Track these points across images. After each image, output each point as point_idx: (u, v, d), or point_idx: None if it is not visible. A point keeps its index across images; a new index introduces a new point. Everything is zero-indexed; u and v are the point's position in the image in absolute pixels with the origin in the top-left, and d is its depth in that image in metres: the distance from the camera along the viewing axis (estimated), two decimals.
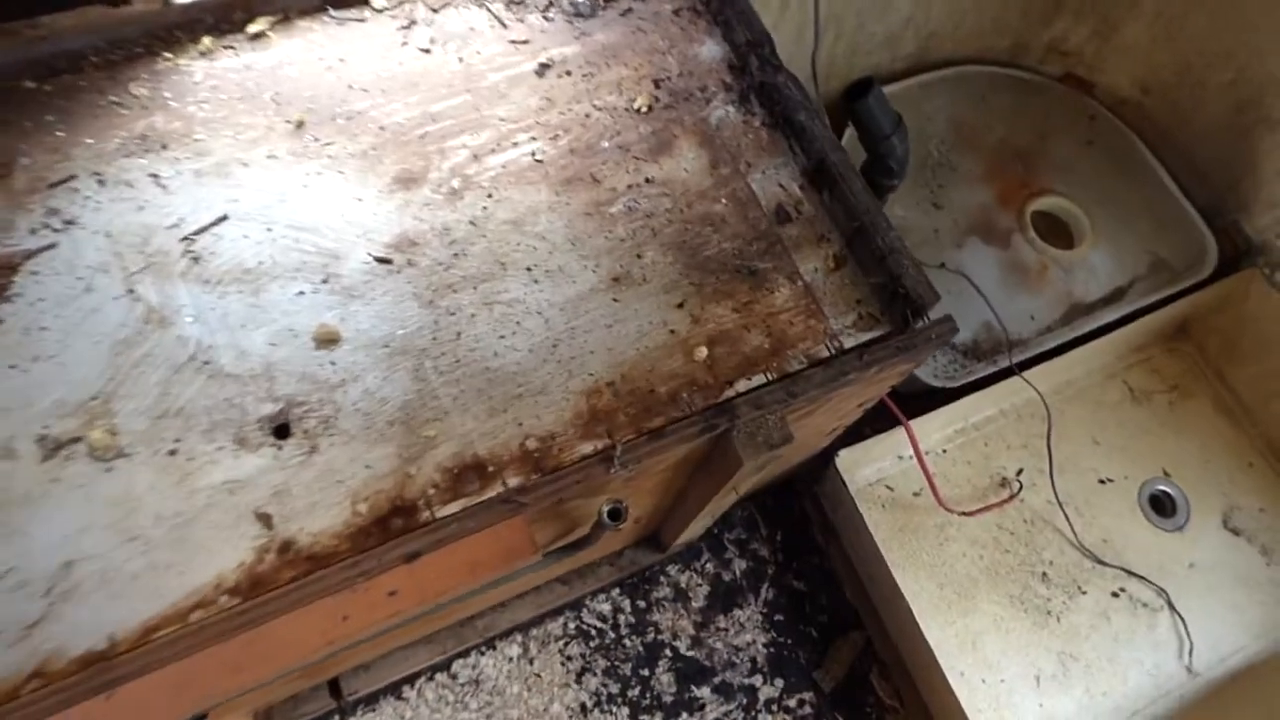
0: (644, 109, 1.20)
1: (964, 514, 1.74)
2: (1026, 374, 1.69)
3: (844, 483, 1.68)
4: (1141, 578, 1.73)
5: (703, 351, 1.02)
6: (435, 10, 1.23)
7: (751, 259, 1.09)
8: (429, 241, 1.08)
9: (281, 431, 0.95)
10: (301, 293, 1.03)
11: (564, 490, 0.91)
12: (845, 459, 1.69)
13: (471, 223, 1.10)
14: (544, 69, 1.21)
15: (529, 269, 1.08)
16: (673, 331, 1.04)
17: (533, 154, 1.16)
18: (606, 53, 1.21)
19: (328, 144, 1.13)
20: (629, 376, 1.01)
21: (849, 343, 1.04)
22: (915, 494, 1.86)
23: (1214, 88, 1.86)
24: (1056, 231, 2.06)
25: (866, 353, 0.97)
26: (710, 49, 1.23)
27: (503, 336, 1.03)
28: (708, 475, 1.10)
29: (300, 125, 1.13)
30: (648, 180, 1.15)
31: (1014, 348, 1.81)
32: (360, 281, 1.05)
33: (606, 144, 1.17)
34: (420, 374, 1.00)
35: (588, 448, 0.97)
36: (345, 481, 0.93)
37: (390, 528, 0.90)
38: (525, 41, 1.23)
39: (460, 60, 1.20)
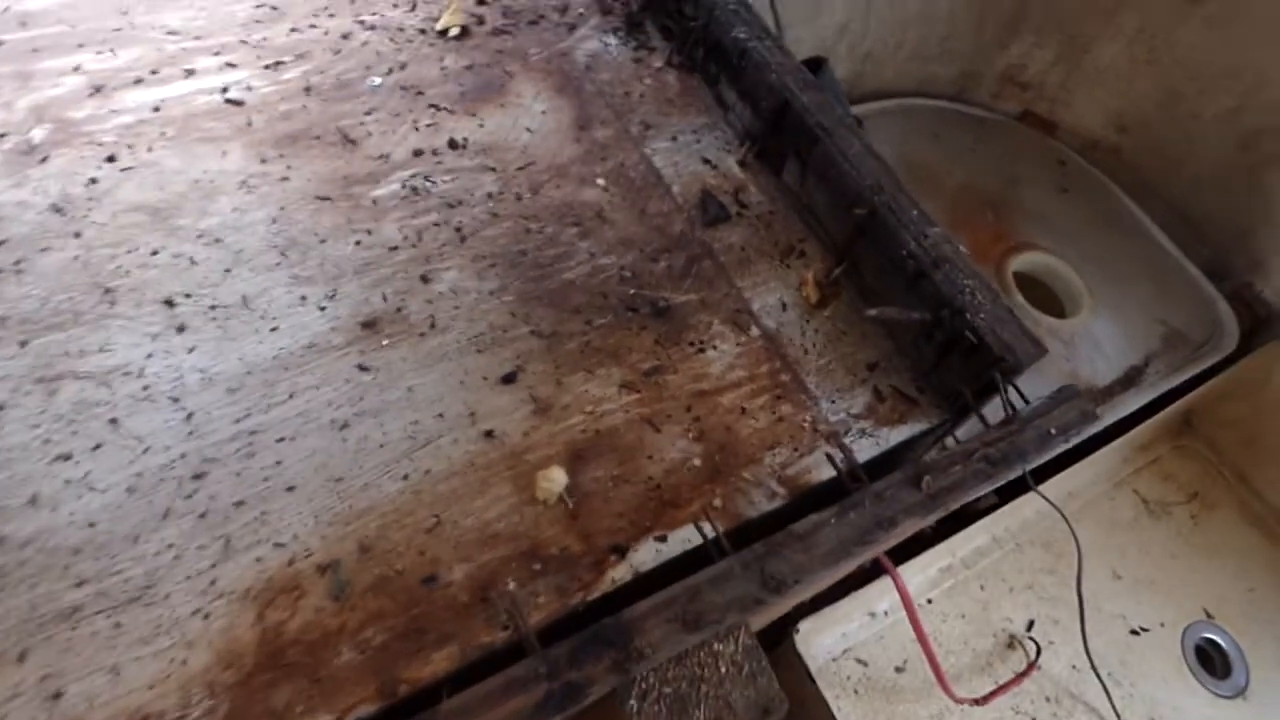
0: (455, 32, 0.66)
1: (976, 702, 1.18)
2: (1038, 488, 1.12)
3: (808, 672, 1.09)
4: None
5: (556, 480, 0.44)
6: None
7: (658, 286, 0.54)
8: None
9: None
10: None
11: None
12: (806, 631, 1.11)
13: (55, 208, 0.50)
14: None
15: (170, 303, 0.48)
16: (490, 435, 0.46)
17: (223, 90, 0.59)
18: None
19: None
20: (380, 545, 0.42)
21: (865, 449, 0.49)
22: (898, 669, 1.29)
23: (1212, 119, 1.46)
24: (1041, 295, 1.55)
25: (932, 472, 0.41)
26: None
27: (66, 458, 0.42)
28: None
29: None
30: (454, 144, 0.59)
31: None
32: None
33: (377, 81, 0.62)
34: None
35: None
36: None
37: None
38: None
39: None
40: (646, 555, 0.44)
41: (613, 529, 0.44)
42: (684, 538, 0.45)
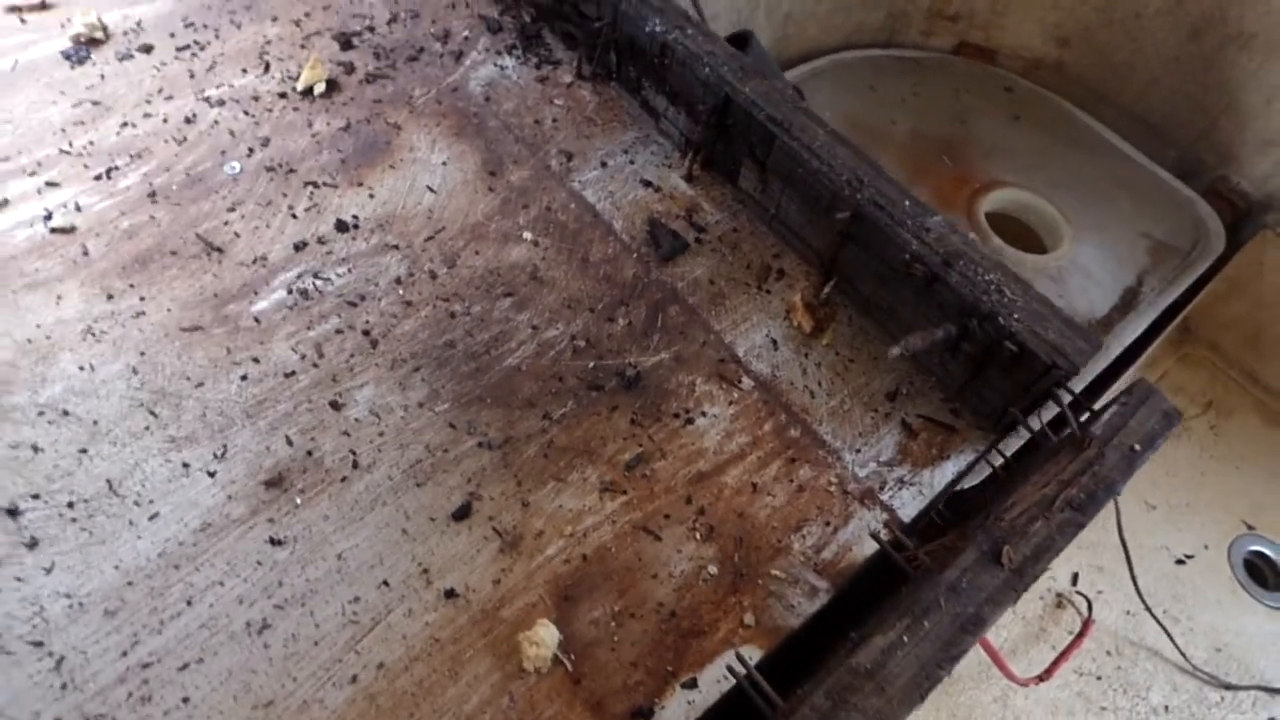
0: (320, 89, 0.55)
1: (1039, 679, 1.11)
2: None
3: None
4: None
5: (546, 639, 0.34)
6: None
7: (620, 350, 0.44)
8: None
9: None
10: None
11: None
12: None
13: None
14: (85, 47, 0.54)
15: (13, 512, 0.38)
16: (452, 595, 0.36)
17: (46, 218, 0.48)
18: (234, 2, 0.57)
19: None
20: None
21: (908, 503, 0.40)
22: None
23: (1155, 14, 1.39)
24: (1018, 233, 1.46)
25: (1010, 538, 0.32)
26: None
27: None
28: None
29: None
30: (343, 226, 0.49)
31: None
32: None
33: (237, 166, 0.51)
34: None
35: None
36: None
37: None
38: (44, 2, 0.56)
39: None
40: (676, 713, 0.34)
41: (628, 686, 0.35)
42: (718, 676, 0.35)
